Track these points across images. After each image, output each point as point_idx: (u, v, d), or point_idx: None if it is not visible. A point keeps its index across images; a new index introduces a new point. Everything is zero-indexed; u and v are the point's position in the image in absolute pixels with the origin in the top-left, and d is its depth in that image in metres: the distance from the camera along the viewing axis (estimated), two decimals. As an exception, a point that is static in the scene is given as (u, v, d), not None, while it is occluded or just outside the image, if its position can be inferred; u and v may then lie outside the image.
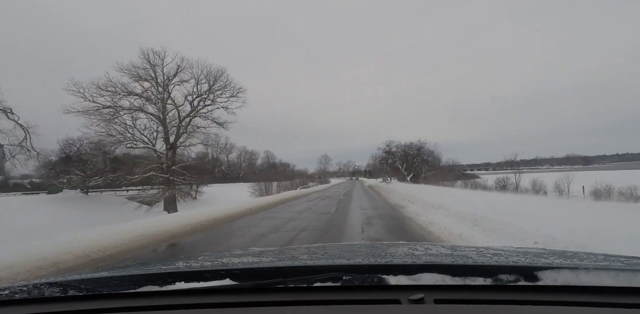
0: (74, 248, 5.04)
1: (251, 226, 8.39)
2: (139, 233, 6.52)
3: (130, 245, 5.88)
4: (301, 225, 8.13)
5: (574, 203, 12.77)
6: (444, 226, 6.81)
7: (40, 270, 4.16)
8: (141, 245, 6.04)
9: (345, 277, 0.86)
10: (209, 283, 0.89)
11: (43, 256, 4.49)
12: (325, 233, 7.02)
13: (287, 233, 7.00)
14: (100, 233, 6.16)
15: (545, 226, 5.19)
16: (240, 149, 75.45)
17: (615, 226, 5.11)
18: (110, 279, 0.96)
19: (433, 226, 6.98)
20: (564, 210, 7.79)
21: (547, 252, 1.30)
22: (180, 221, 8.35)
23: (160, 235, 6.88)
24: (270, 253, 1.44)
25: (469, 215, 7.28)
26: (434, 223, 7.26)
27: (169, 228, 7.43)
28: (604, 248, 2.59)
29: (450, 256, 1.17)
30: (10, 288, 0.90)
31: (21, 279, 3.76)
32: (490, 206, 8.64)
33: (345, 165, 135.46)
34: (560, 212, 7.37)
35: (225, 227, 8.47)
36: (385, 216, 9.55)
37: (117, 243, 5.73)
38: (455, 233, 6.02)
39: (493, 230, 5.78)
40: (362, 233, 6.85)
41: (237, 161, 79.17)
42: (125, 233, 6.37)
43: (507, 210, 7.76)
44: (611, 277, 0.80)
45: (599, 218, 6.13)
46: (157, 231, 7.01)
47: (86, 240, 5.57)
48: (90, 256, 4.98)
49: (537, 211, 7.29)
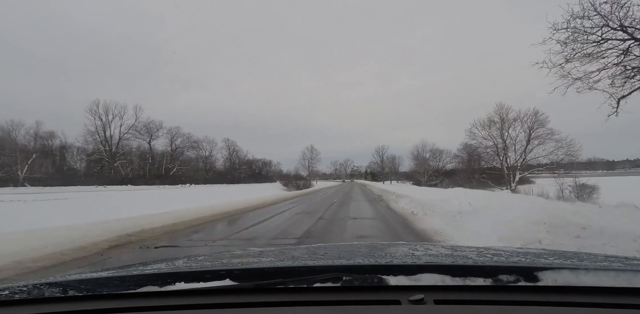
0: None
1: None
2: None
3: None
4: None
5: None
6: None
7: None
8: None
9: (346, 277, 0.86)
10: (209, 284, 0.89)
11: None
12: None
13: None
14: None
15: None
16: (172, 131, 55.95)
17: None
18: (110, 280, 0.96)
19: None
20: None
21: (547, 252, 1.31)
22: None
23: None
24: (270, 253, 1.44)
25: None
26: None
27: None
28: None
29: (450, 256, 1.18)
30: (10, 288, 0.90)
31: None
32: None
33: (342, 165, 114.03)
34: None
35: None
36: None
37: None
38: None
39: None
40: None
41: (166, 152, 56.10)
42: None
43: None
44: (611, 277, 0.81)
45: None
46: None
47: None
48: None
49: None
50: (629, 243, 4.26)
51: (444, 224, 7.31)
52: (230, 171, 58.66)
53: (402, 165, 71.14)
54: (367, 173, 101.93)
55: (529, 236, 4.99)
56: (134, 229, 6.97)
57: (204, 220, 9.39)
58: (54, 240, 5.41)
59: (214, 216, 10.37)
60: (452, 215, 8.02)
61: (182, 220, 8.81)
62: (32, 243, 5.13)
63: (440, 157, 51.33)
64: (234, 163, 65.55)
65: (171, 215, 9.35)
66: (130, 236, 6.43)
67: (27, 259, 4.48)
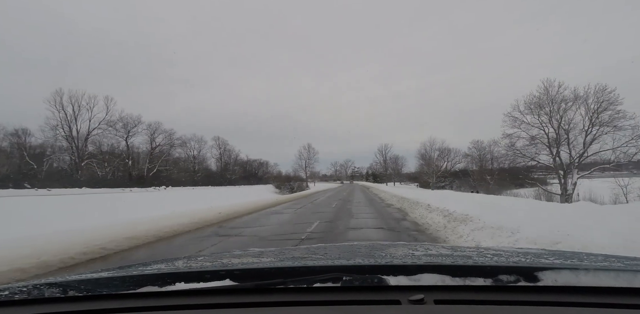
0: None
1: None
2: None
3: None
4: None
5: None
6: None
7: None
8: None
9: (346, 278, 0.86)
10: (209, 284, 0.89)
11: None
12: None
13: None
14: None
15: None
16: (152, 127, 48.30)
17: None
18: (110, 280, 0.96)
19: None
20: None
21: (547, 253, 1.31)
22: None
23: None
24: (270, 254, 1.44)
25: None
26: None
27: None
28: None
29: (450, 256, 1.18)
30: (9, 289, 0.90)
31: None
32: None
33: (342, 166, 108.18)
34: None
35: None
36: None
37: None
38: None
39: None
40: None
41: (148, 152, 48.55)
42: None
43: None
44: (611, 278, 0.81)
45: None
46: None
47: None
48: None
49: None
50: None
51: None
52: (222, 173, 52.84)
53: (405, 166, 69.28)
54: (368, 175, 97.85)
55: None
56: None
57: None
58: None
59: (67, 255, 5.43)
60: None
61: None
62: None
63: (448, 156, 47.94)
64: (226, 163, 59.98)
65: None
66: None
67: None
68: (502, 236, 5.64)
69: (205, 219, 10.80)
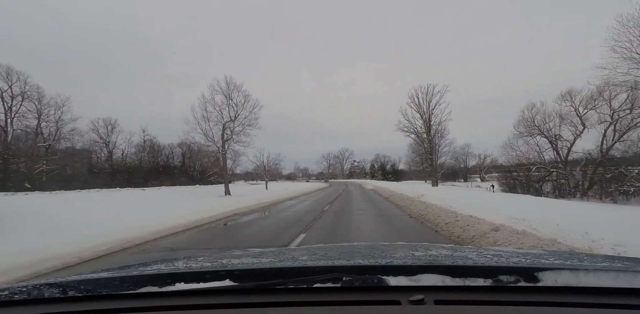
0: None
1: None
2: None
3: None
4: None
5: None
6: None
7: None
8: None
9: (346, 278, 0.86)
10: (209, 284, 0.89)
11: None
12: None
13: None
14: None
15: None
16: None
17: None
18: (110, 280, 0.96)
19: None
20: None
21: (547, 253, 1.31)
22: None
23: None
24: (270, 254, 1.44)
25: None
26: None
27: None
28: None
29: (450, 257, 1.17)
30: (9, 289, 0.90)
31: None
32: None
33: (337, 159, 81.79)
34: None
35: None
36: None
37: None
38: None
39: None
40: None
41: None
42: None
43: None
44: (611, 278, 0.81)
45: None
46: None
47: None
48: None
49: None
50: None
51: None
52: (135, 170, 40.37)
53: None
54: (376, 170, 71.48)
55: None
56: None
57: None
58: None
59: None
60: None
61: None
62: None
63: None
64: (148, 159, 46.20)
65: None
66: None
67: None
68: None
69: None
